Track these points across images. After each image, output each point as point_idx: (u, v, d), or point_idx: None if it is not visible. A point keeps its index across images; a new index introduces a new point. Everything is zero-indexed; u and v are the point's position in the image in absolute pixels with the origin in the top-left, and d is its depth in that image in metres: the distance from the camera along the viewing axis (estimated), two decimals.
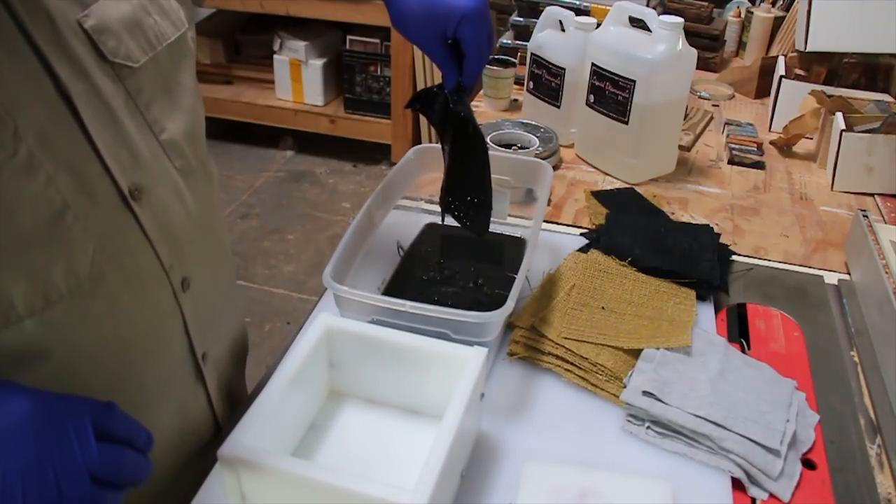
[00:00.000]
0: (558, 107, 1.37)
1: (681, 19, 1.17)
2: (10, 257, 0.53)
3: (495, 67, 1.50)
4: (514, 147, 1.27)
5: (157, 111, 0.66)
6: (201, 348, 0.75)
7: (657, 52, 1.17)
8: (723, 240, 1.08)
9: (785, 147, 1.42)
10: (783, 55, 1.59)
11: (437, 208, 1.02)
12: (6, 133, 0.52)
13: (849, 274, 1.05)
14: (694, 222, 1.14)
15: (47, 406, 0.47)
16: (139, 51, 0.64)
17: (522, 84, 1.47)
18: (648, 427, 0.76)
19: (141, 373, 0.67)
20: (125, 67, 0.62)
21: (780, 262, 1.07)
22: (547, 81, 1.38)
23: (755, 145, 1.41)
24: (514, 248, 1.01)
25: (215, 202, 0.79)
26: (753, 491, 0.71)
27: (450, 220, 0.92)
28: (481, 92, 1.56)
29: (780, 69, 1.52)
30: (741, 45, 1.90)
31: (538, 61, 1.38)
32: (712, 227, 1.08)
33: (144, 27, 0.65)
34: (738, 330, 0.94)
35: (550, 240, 1.06)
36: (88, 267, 0.59)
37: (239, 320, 0.89)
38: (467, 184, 0.87)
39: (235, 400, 0.86)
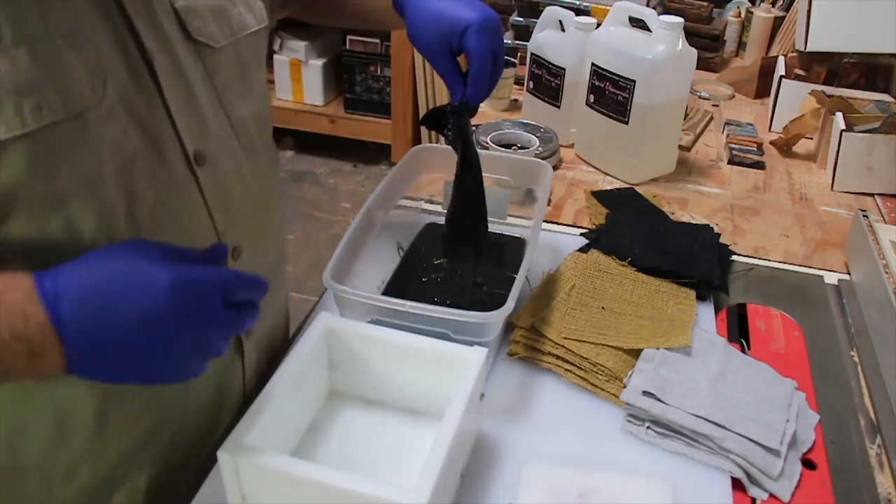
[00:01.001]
0: (558, 107, 1.37)
1: (681, 19, 1.17)
2: (87, 190, 0.57)
3: None
4: (514, 147, 1.27)
5: (231, 93, 0.72)
6: None
7: (657, 52, 1.17)
8: (723, 240, 1.08)
9: (785, 147, 1.42)
10: (783, 55, 1.60)
11: (438, 208, 1.02)
12: (97, 81, 0.57)
13: (849, 274, 1.05)
14: (694, 222, 1.14)
15: (183, 283, 0.51)
16: (221, 34, 0.70)
17: (522, 84, 1.47)
18: (648, 427, 0.76)
19: None
20: (206, 47, 0.68)
21: (780, 262, 1.07)
22: (547, 81, 1.38)
23: (755, 145, 1.41)
24: (514, 248, 1.01)
25: (274, 186, 0.83)
26: (753, 491, 0.71)
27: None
28: None
29: (780, 69, 1.52)
30: (741, 45, 1.90)
31: (538, 61, 1.38)
32: (712, 227, 1.08)
33: (229, 15, 0.71)
34: (738, 330, 0.94)
35: (550, 240, 1.06)
36: (148, 218, 0.62)
37: (282, 304, 0.92)
38: (463, 205, 0.87)
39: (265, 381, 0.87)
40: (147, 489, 0.71)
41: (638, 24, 1.22)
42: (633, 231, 1.03)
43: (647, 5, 1.57)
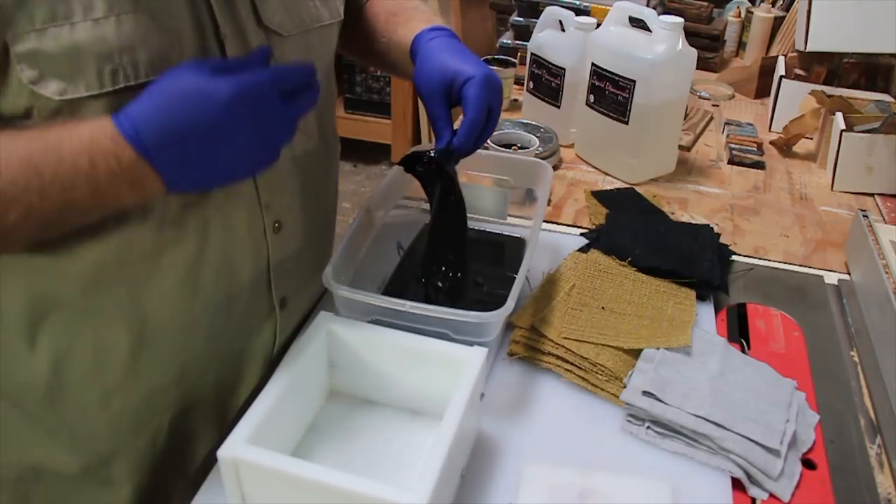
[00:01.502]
0: (558, 107, 1.37)
1: (681, 19, 1.17)
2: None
3: (495, 67, 1.50)
4: (514, 147, 1.28)
5: None
6: (280, 292, 0.82)
7: (657, 52, 1.17)
8: (723, 240, 1.08)
9: (785, 147, 1.42)
10: (783, 55, 1.60)
11: None
12: (174, 55, 0.62)
13: (849, 274, 1.05)
14: (694, 222, 1.14)
15: (241, 92, 0.57)
16: (291, 24, 0.74)
17: (522, 84, 1.47)
18: (648, 427, 0.76)
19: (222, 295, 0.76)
20: (276, 34, 0.72)
21: (780, 262, 1.07)
22: (547, 81, 1.38)
23: (755, 145, 1.41)
24: (514, 248, 1.01)
25: (330, 172, 0.90)
26: (753, 491, 0.71)
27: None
28: None
29: (780, 69, 1.52)
30: (741, 45, 1.90)
31: (538, 61, 1.38)
32: (712, 227, 1.08)
33: (301, 8, 0.75)
34: (738, 330, 0.94)
35: (550, 240, 1.06)
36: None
37: (321, 285, 0.94)
38: (444, 252, 0.85)
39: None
40: (169, 430, 0.78)
41: (638, 24, 1.22)
42: (633, 231, 1.03)
43: (647, 5, 1.57)
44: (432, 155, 0.80)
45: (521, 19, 1.73)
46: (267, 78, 0.59)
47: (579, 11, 1.55)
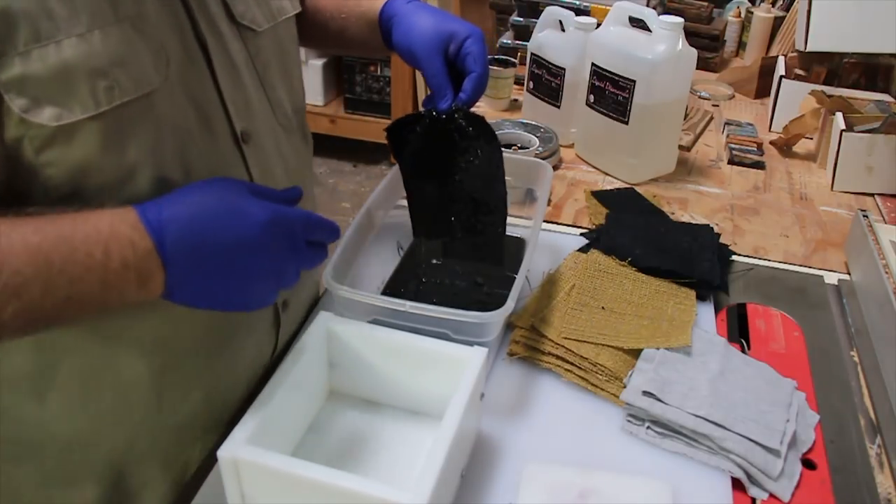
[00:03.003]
0: (558, 107, 1.37)
1: (681, 19, 1.16)
2: (150, 166, 0.61)
3: (495, 67, 1.50)
4: (514, 147, 1.27)
5: (271, 73, 0.76)
6: (283, 295, 0.82)
7: (657, 52, 1.17)
8: (723, 240, 1.08)
9: (785, 147, 1.42)
10: (783, 55, 1.60)
11: None
12: (161, 62, 0.60)
13: (849, 274, 1.05)
14: (694, 222, 1.14)
15: (277, 219, 0.58)
16: (262, 18, 0.74)
17: (522, 84, 1.47)
18: (648, 427, 0.76)
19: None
20: (249, 30, 0.72)
21: (780, 262, 1.07)
22: (547, 81, 1.38)
23: (755, 145, 1.41)
24: (514, 248, 1.01)
25: (308, 166, 0.88)
26: (753, 491, 0.71)
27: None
28: None
29: (780, 69, 1.52)
30: (741, 45, 1.90)
31: (538, 61, 1.38)
32: (712, 227, 1.08)
33: (269, 0, 0.75)
34: (738, 330, 0.94)
35: (550, 240, 1.06)
36: None
37: (316, 282, 0.95)
38: (481, 193, 0.84)
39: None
40: (200, 463, 0.76)
41: (638, 24, 1.22)
42: (633, 231, 1.03)
43: (647, 5, 1.57)
44: (443, 111, 0.79)
45: (521, 19, 1.72)
46: (299, 217, 0.60)
47: (579, 11, 1.55)
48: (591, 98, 1.27)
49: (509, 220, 1.02)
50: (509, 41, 1.73)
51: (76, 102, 0.55)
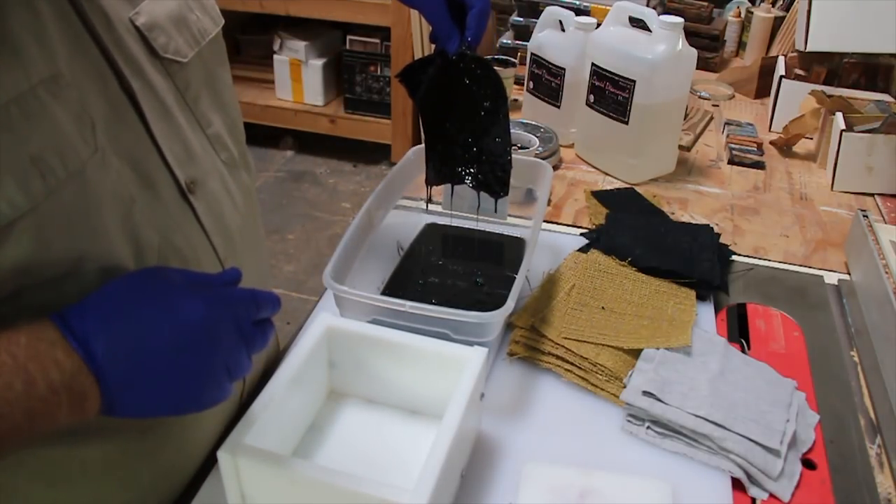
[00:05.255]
0: (558, 107, 1.37)
1: (681, 19, 1.17)
2: (95, 248, 0.54)
3: (495, 67, 1.50)
4: (514, 147, 1.27)
5: (204, 106, 0.69)
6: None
7: (657, 52, 1.17)
8: (723, 240, 1.08)
9: (785, 147, 1.42)
10: (783, 55, 1.60)
11: (438, 208, 1.02)
12: (86, 130, 0.52)
13: (849, 274, 1.05)
14: (694, 222, 1.14)
15: (217, 310, 0.53)
16: (186, 46, 0.66)
17: (522, 84, 1.47)
18: (648, 427, 0.76)
19: None
20: (174, 63, 0.64)
21: (780, 262, 1.07)
22: (547, 81, 1.38)
23: (755, 145, 1.41)
24: (514, 248, 1.01)
25: (253, 195, 0.80)
26: (753, 491, 0.71)
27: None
28: None
29: (780, 69, 1.52)
30: (741, 45, 1.90)
31: (538, 61, 1.38)
32: (712, 227, 1.08)
33: (189, 23, 0.67)
34: (738, 330, 0.94)
35: (550, 240, 1.06)
36: (156, 260, 0.60)
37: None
38: (485, 141, 0.86)
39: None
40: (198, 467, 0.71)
41: (638, 24, 1.22)
42: (633, 231, 1.03)
43: (647, 5, 1.57)
44: (453, 53, 0.80)
45: (521, 19, 1.73)
46: (243, 299, 0.54)
47: (579, 11, 1.55)
48: (591, 98, 1.27)
49: (510, 220, 1.03)
50: (509, 41, 1.74)
51: (3, 200, 0.46)
